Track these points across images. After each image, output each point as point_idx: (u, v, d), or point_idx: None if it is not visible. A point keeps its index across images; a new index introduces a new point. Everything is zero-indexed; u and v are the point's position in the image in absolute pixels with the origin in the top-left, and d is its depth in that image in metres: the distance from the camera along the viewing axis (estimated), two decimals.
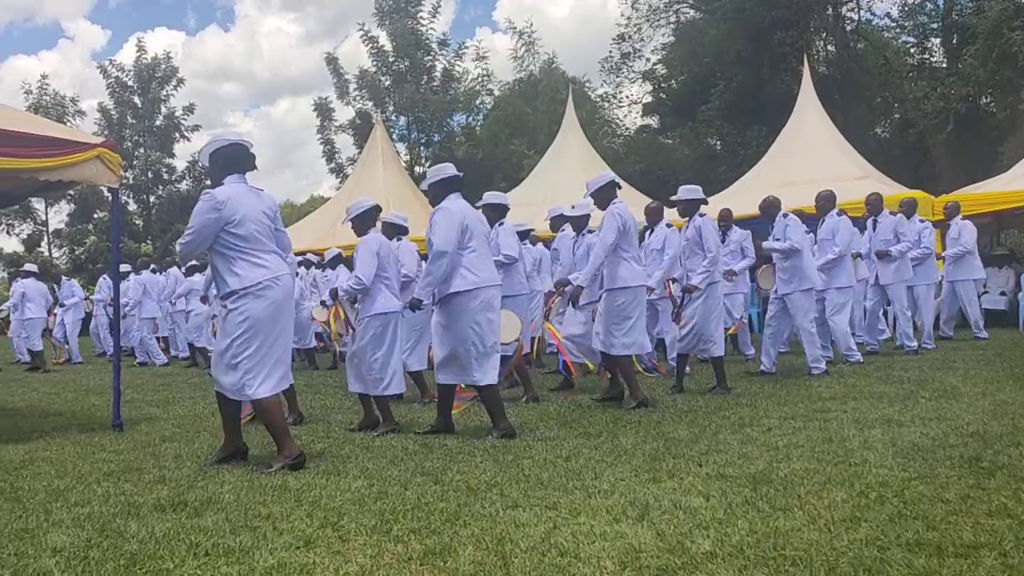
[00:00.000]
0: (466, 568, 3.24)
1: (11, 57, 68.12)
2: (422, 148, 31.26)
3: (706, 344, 7.96)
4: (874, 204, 10.74)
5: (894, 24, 28.53)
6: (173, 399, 9.14)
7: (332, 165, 31.02)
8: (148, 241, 31.54)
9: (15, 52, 69.74)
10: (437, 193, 6.24)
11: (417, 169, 30.02)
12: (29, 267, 15.87)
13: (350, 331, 6.68)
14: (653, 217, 9.26)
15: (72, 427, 7.21)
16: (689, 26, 29.83)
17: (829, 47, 28.15)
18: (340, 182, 29.38)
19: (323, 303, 11.06)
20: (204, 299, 12.53)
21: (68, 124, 26.21)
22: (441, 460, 5.27)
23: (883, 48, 28.05)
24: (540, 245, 10.60)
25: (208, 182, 6.10)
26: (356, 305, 6.63)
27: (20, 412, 8.54)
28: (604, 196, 7.27)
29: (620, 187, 7.49)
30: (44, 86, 31.76)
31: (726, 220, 10.48)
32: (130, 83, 32.17)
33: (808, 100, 17.75)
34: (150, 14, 65.16)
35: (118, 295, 8.03)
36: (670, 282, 8.58)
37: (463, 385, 6.40)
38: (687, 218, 8.05)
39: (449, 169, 6.35)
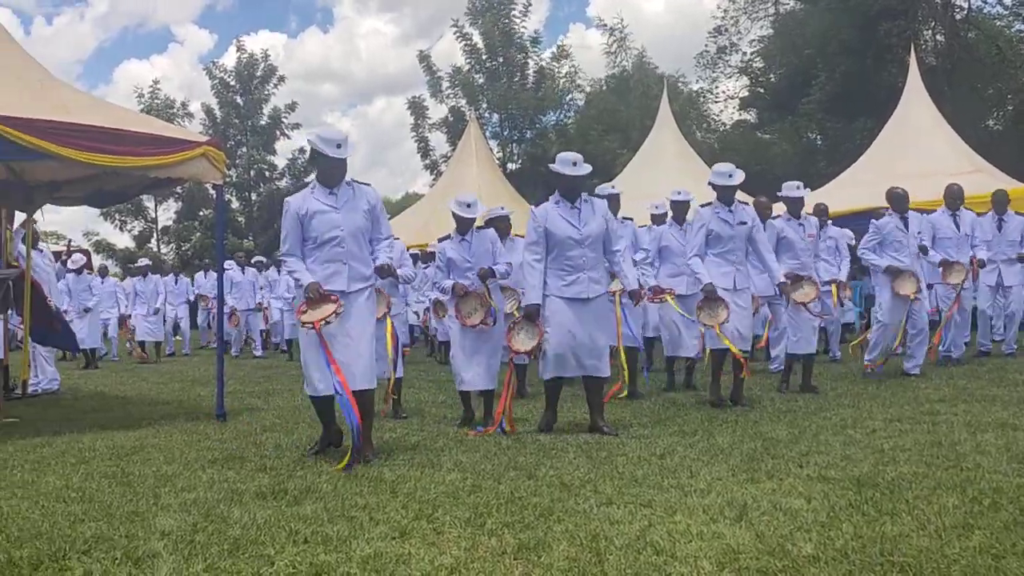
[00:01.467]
0: (560, 564, 3.22)
1: (124, 61, 71.16)
2: (514, 145, 31.31)
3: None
4: (1000, 202, 10.04)
5: (1007, 12, 27.24)
6: (273, 391, 9.40)
7: (426, 162, 31.38)
8: (250, 237, 32.49)
9: (128, 56, 72.89)
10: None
11: (509, 166, 30.08)
12: (144, 263, 16.56)
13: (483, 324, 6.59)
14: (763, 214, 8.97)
15: (179, 416, 7.48)
16: (789, 17, 29.09)
17: (938, 37, 27.01)
18: (434, 179, 29.68)
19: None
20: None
21: (177, 125, 27.22)
22: (534, 455, 5.26)
23: (995, 37, 26.76)
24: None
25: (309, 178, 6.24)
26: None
27: (131, 401, 8.91)
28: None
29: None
30: (156, 91, 33.09)
31: (822, 216, 10.10)
32: (232, 83, 33.16)
33: (915, 92, 17.07)
34: (254, 17, 67.25)
35: (221, 290, 8.28)
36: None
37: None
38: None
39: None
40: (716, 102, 33.02)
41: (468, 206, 6.77)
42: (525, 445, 5.62)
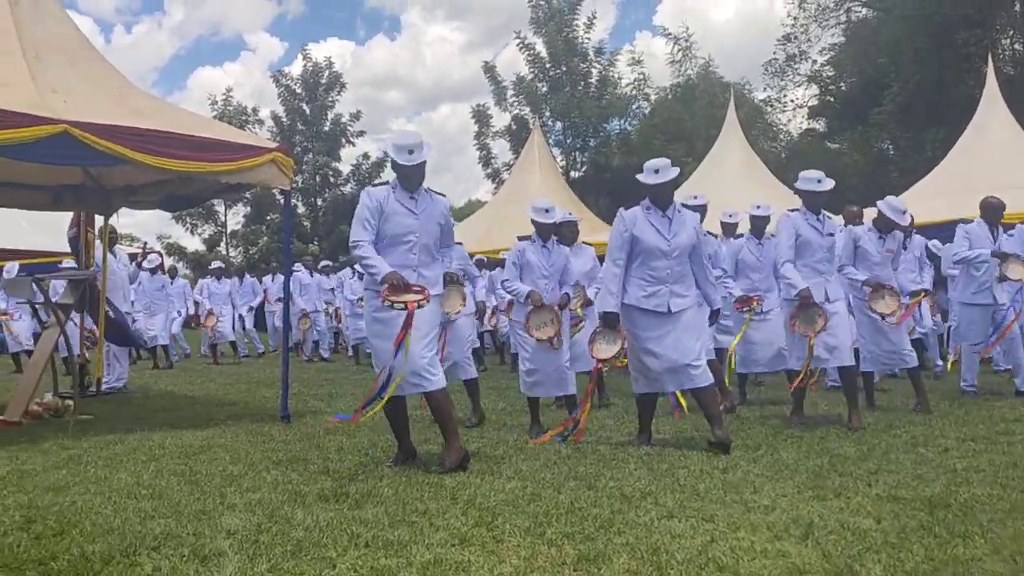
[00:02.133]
0: None
1: (198, 68, 73.05)
2: (577, 154, 31.29)
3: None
4: None
5: None
6: (336, 394, 9.52)
7: (489, 170, 31.54)
8: (315, 242, 33.01)
9: (202, 64, 74.84)
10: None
11: (572, 174, 30.06)
12: (217, 265, 16.89)
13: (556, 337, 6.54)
14: (853, 222, 8.42)
15: (244, 417, 7.61)
16: (861, 25, 28.50)
17: (1016, 46, 26.22)
18: (496, 187, 29.81)
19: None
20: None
21: (248, 132, 27.78)
22: (594, 466, 5.22)
23: None
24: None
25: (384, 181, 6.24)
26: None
27: (199, 400, 9.11)
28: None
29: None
30: (228, 99, 33.92)
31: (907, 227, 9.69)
32: (298, 91, 33.76)
33: (993, 102, 16.58)
34: (323, 25, 68.37)
35: (287, 293, 8.42)
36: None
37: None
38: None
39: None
40: (784, 111, 32.51)
41: (546, 211, 6.73)
42: (585, 455, 5.58)
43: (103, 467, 5.28)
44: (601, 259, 6.67)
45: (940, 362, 10.45)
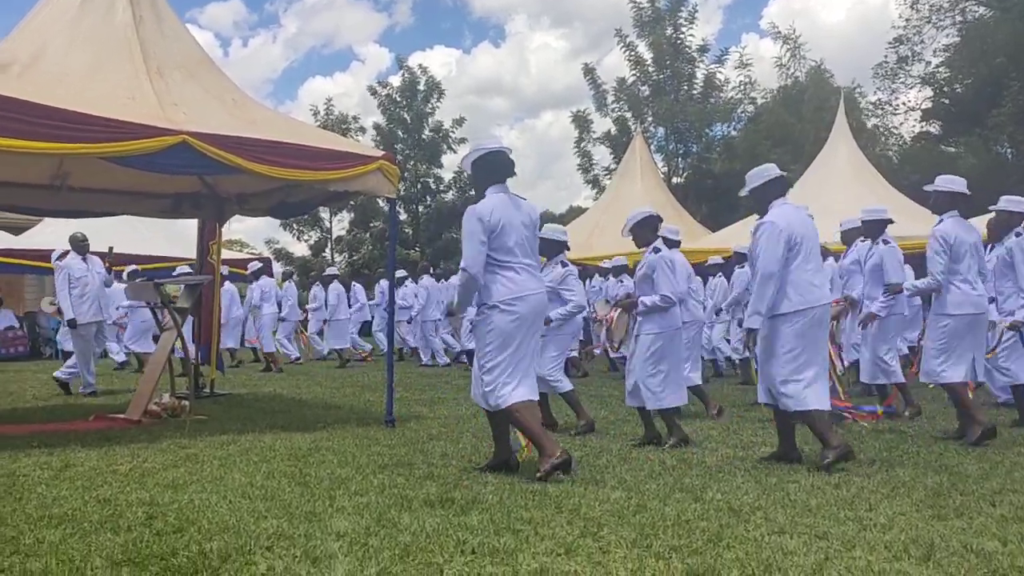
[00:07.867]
0: None
1: (309, 79, 75.06)
2: (680, 160, 30.84)
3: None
4: None
5: None
6: (439, 399, 9.63)
7: (589, 176, 31.37)
8: (416, 248, 33.51)
9: (313, 74, 76.86)
10: (760, 200, 5.72)
11: (675, 180, 29.65)
12: (332, 271, 17.31)
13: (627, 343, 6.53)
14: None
15: (351, 420, 7.77)
16: (978, 25, 27.30)
17: None
18: (597, 193, 29.66)
19: (607, 301, 11.05)
20: None
21: (352, 140, 28.39)
22: (701, 478, 5.13)
23: None
24: (830, 259, 8.95)
25: (472, 192, 6.33)
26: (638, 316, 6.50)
27: (307, 404, 9.34)
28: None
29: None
30: (330, 109, 34.76)
31: None
32: (398, 98, 34.23)
33: None
34: (430, 35, 69.14)
35: (392, 299, 8.56)
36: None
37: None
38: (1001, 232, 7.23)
39: (771, 171, 5.74)
40: (895, 114, 31.38)
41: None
42: (691, 467, 5.49)
43: (218, 467, 5.46)
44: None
45: None
